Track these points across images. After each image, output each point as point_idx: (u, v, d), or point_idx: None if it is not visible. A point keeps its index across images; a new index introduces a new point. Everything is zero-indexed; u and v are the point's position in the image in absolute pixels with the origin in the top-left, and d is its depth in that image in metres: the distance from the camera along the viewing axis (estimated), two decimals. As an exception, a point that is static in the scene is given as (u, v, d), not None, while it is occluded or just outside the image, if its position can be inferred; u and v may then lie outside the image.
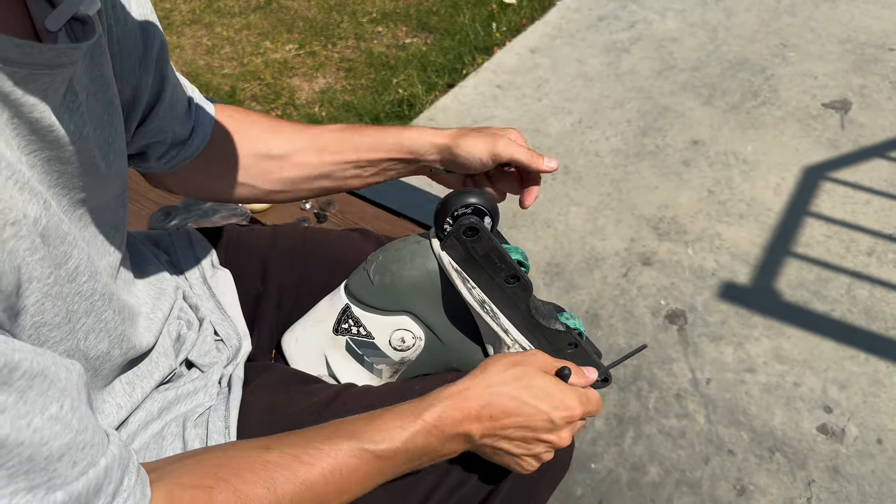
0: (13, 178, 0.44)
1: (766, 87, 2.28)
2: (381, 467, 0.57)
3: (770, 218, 1.83)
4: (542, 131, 2.17)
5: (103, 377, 0.62)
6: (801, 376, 1.48)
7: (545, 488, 0.80)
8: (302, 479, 0.53)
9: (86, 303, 0.56)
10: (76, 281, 0.54)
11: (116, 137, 0.63)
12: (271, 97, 2.53)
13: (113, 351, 0.61)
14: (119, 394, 0.65)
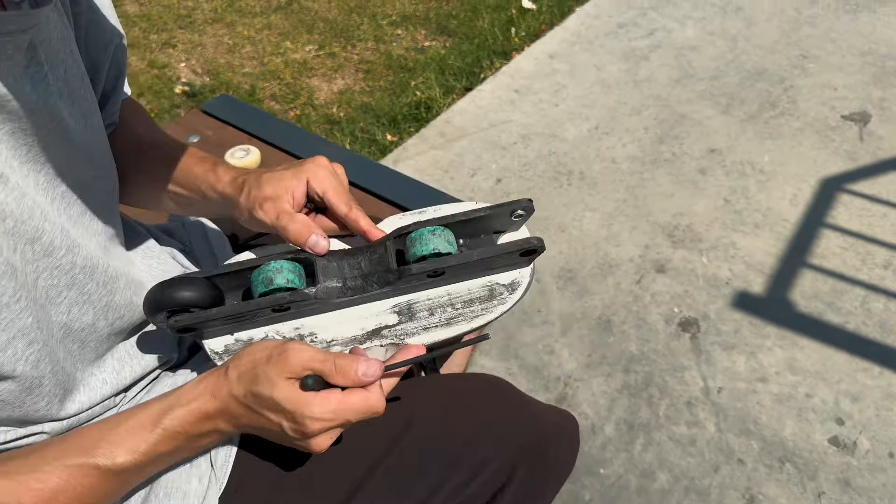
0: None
1: (784, 98, 2.27)
2: (125, 479, 0.56)
3: (786, 228, 1.83)
4: (558, 136, 2.17)
5: (91, 349, 0.63)
6: (814, 388, 1.48)
7: (551, 487, 0.81)
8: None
9: (66, 276, 0.57)
10: (53, 255, 0.55)
11: (92, 113, 0.64)
12: (290, 97, 2.55)
13: (98, 322, 0.62)
14: (108, 370, 0.66)
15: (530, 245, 0.65)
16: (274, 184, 0.66)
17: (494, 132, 2.23)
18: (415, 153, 2.18)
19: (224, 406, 0.56)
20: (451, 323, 0.66)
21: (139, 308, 0.68)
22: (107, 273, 0.62)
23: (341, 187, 0.68)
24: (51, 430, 0.61)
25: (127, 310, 0.66)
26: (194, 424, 0.56)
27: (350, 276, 0.66)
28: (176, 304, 0.62)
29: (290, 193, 0.66)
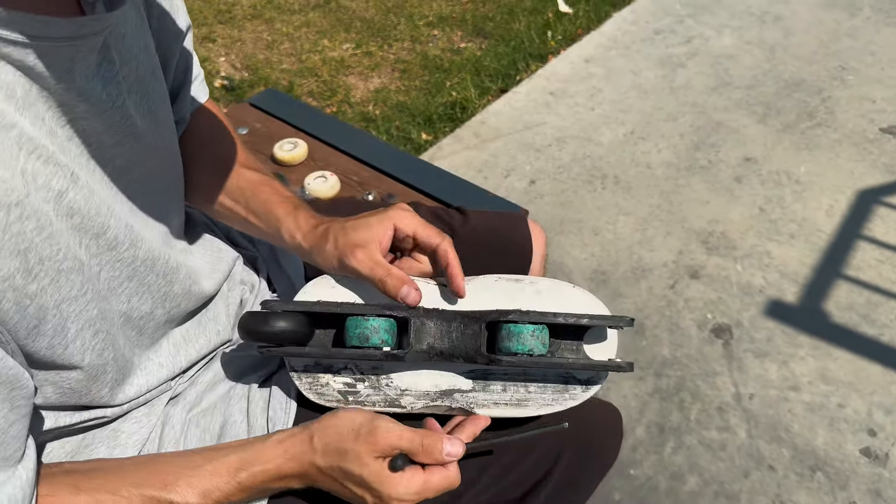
0: (36, 152, 0.46)
1: (822, 109, 2.27)
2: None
3: (821, 239, 1.82)
4: (593, 140, 2.19)
5: (148, 335, 0.65)
6: (847, 398, 1.47)
7: (596, 475, 0.82)
8: None
9: (127, 269, 0.59)
10: (116, 249, 0.56)
11: (160, 106, 0.65)
12: (327, 94, 2.59)
13: (156, 310, 0.64)
14: (164, 354, 0.68)
15: (619, 368, 0.66)
16: (362, 231, 0.69)
17: (529, 134, 2.24)
18: (449, 152, 2.20)
19: (304, 471, 0.59)
20: (521, 405, 0.69)
21: (196, 296, 0.70)
22: (167, 265, 0.64)
23: (428, 225, 0.71)
24: (112, 414, 0.64)
25: (184, 298, 0.68)
26: (269, 482, 0.59)
27: (438, 341, 0.67)
28: (270, 337, 0.65)
29: (377, 240, 0.68)
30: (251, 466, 0.58)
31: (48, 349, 0.50)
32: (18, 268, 0.45)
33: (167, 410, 0.69)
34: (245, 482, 0.57)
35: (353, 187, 1.27)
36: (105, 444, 0.64)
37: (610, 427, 0.83)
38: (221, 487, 0.57)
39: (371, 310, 0.65)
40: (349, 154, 1.32)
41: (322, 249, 0.70)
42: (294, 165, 1.31)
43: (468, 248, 0.95)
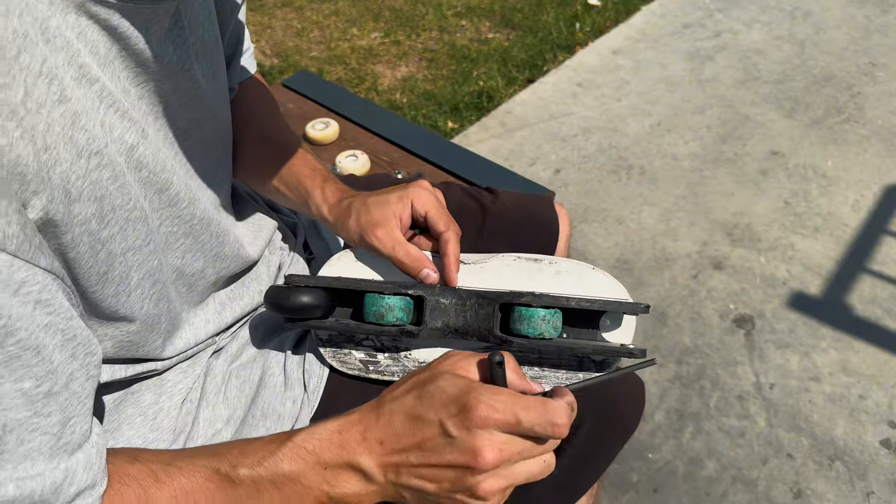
0: (114, 106, 0.49)
1: (851, 105, 2.25)
2: (240, 496, 0.49)
3: (846, 233, 1.82)
4: (619, 131, 2.19)
5: (198, 293, 0.68)
6: (868, 390, 1.48)
7: (617, 440, 0.84)
8: (154, 498, 0.48)
9: (185, 226, 0.61)
10: (176, 206, 0.59)
11: (220, 74, 0.69)
12: (355, 81, 2.62)
13: (207, 269, 0.67)
14: (210, 311, 0.72)
15: (631, 354, 0.66)
16: (382, 208, 0.70)
17: (555, 124, 2.26)
18: (475, 140, 2.23)
19: (372, 423, 0.49)
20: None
21: (243, 260, 0.74)
22: (220, 227, 0.67)
23: (442, 208, 0.72)
24: (161, 367, 0.67)
25: (233, 261, 0.72)
26: (327, 447, 0.49)
27: (453, 319, 0.68)
28: (294, 309, 0.67)
29: (397, 217, 0.70)
30: (309, 429, 0.50)
31: (114, 297, 0.53)
32: (95, 213, 0.47)
33: (210, 363, 0.73)
34: (299, 442, 0.49)
35: (382, 167, 1.30)
36: (151, 390, 0.67)
37: (632, 396, 0.85)
38: (274, 451, 0.49)
39: (388, 287, 0.67)
40: (379, 135, 1.35)
41: (345, 224, 0.73)
42: (325, 145, 1.34)
43: (497, 224, 0.97)
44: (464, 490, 0.46)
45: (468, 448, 0.45)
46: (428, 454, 0.47)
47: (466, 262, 0.73)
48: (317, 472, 0.49)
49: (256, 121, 0.85)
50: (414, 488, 0.48)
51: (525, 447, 0.47)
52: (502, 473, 0.46)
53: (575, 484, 0.84)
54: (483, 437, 0.45)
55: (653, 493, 1.35)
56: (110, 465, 0.50)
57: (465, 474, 0.45)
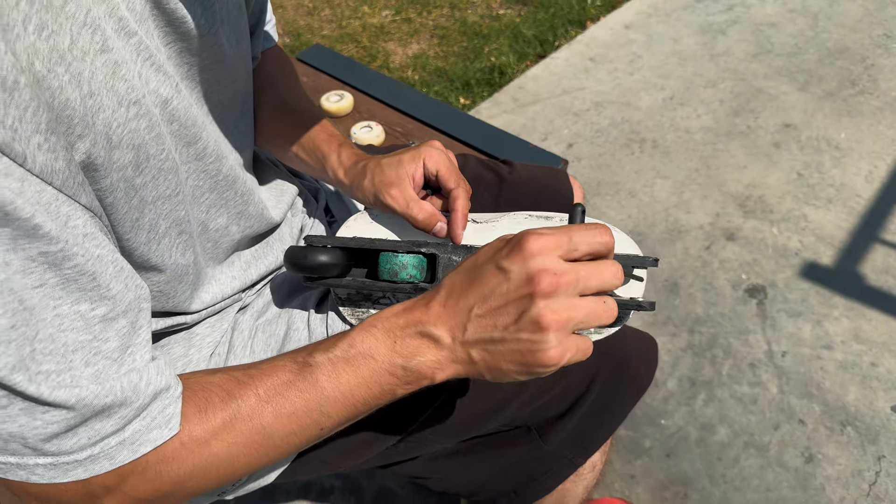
0: (150, 59, 0.51)
1: (865, 77, 2.24)
2: (318, 379, 0.51)
3: (859, 204, 1.82)
4: (632, 105, 2.20)
5: (223, 250, 0.71)
6: (879, 357, 1.49)
7: (629, 400, 0.86)
8: (236, 397, 0.51)
9: (210, 181, 0.64)
10: (203, 160, 0.61)
11: (243, 40, 0.70)
12: (367, 59, 2.63)
13: (231, 226, 0.70)
14: (236, 268, 0.74)
15: (640, 307, 0.66)
16: (395, 168, 0.73)
17: (567, 98, 2.26)
18: (487, 116, 2.23)
19: (433, 294, 0.52)
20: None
21: (267, 221, 0.76)
22: (245, 186, 0.70)
23: (453, 167, 0.74)
24: (191, 321, 0.70)
25: (257, 220, 0.74)
26: (395, 323, 0.51)
27: None
28: (312, 267, 0.69)
29: (410, 177, 0.72)
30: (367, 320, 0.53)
31: (145, 244, 0.56)
32: (131, 161, 0.50)
33: (237, 318, 0.75)
34: (368, 322, 0.52)
35: (396, 138, 1.32)
36: (181, 343, 0.70)
37: (645, 354, 0.87)
38: (344, 337, 0.52)
39: (402, 246, 0.69)
40: (393, 107, 1.37)
41: (360, 185, 0.75)
42: (340, 117, 1.36)
43: (514, 194, 0.99)
44: (528, 324, 0.47)
45: (524, 277, 0.46)
46: (489, 299, 0.48)
47: (478, 220, 0.74)
48: (388, 346, 0.51)
49: (276, 88, 0.87)
50: (482, 340, 0.49)
51: (582, 275, 0.47)
52: (564, 304, 0.47)
53: (588, 439, 0.86)
54: (537, 261, 0.46)
55: (665, 458, 1.37)
56: (191, 378, 0.52)
57: (527, 305, 0.46)
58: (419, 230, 0.74)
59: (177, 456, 0.49)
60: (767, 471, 1.33)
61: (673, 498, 1.31)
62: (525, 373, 0.49)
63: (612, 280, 0.48)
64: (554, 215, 0.74)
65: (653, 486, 1.33)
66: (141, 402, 0.47)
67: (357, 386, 0.51)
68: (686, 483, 1.33)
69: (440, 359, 0.50)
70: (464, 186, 0.73)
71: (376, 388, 0.51)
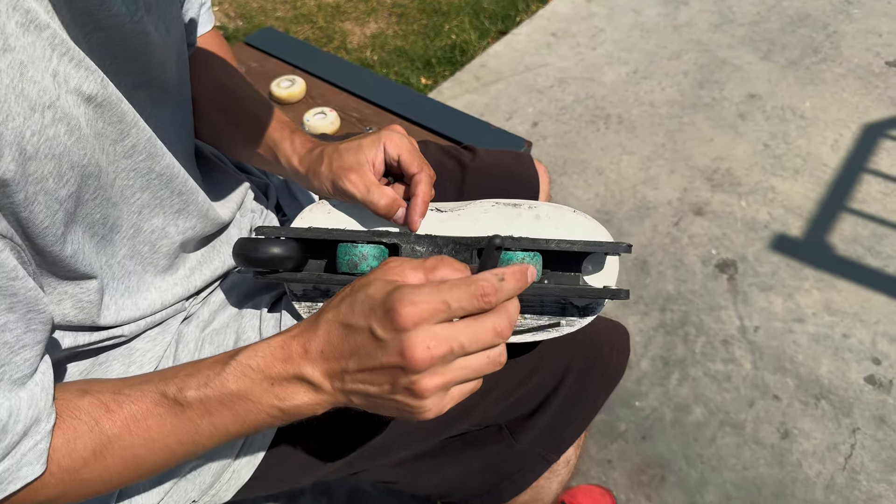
0: (68, 54, 0.46)
1: (827, 44, 2.23)
2: (191, 418, 0.49)
3: (826, 173, 1.81)
4: (596, 80, 2.15)
5: (164, 255, 0.65)
6: (851, 328, 1.48)
7: (602, 391, 0.83)
8: (105, 429, 0.48)
9: (142, 180, 0.58)
10: (132, 158, 0.56)
11: (175, 28, 0.65)
12: (323, 41, 2.54)
13: (168, 228, 0.64)
14: (179, 274, 0.69)
15: (615, 295, 0.63)
16: (354, 153, 0.68)
17: (531, 75, 2.21)
18: (449, 96, 2.18)
19: (311, 335, 0.48)
20: (515, 332, 0.67)
21: (212, 221, 0.70)
22: (184, 183, 0.64)
23: (415, 151, 0.70)
24: (128, 333, 0.64)
25: (200, 221, 0.68)
26: (271, 362, 0.48)
27: None
28: (264, 262, 0.64)
29: (370, 162, 0.68)
30: (252, 346, 0.49)
31: (71, 256, 0.51)
32: (52, 171, 0.45)
33: (181, 329, 0.70)
34: (243, 360, 0.48)
35: (353, 124, 1.26)
36: (120, 361, 0.64)
37: (617, 344, 0.83)
38: (219, 371, 0.49)
39: (361, 236, 0.65)
40: (349, 91, 1.31)
41: (317, 173, 0.70)
42: (292, 103, 1.30)
43: (477, 182, 0.95)
44: (403, 391, 0.46)
45: (396, 349, 0.44)
46: (363, 359, 0.46)
47: (443, 209, 0.70)
48: (264, 388, 0.48)
49: (215, 75, 0.81)
50: (360, 392, 0.48)
51: (457, 344, 0.44)
52: (439, 370, 0.45)
53: (562, 434, 0.83)
54: (410, 336, 0.44)
55: (641, 440, 1.35)
56: (60, 400, 0.49)
57: (399, 375, 0.45)
58: (381, 219, 0.69)
59: (47, 485, 0.48)
60: (744, 449, 1.32)
61: (650, 481, 1.29)
62: (407, 419, 0.49)
63: (493, 340, 0.46)
64: (522, 202, 0.70)
65: (629, 470, 1.31)
66: (10, 440, 0.44)
67: (233, 423, 0.50)
68: (663, 465, 1.31)
69: (321, 401, 0.49)
70: (427, 171, 0.69)
71: (254, 425, 0.50)
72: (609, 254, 0.65)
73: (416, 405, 0.46)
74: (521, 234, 0.67)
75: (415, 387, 0.45)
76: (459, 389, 0.48)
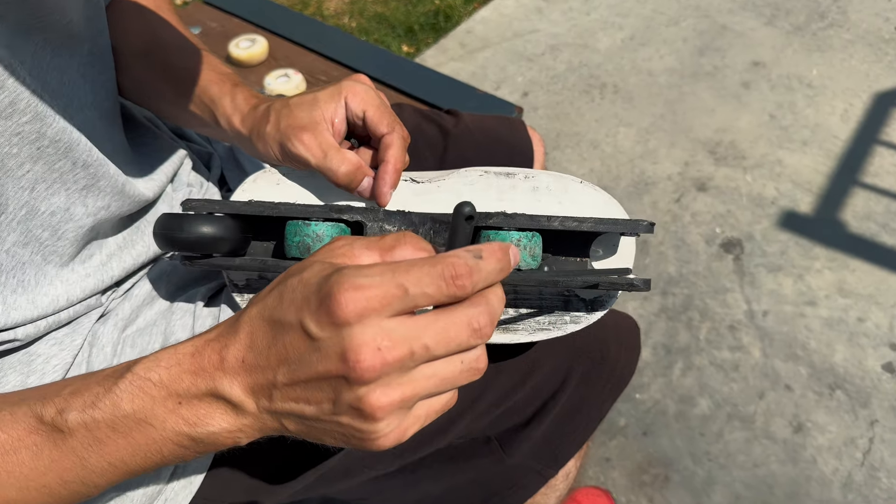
0: None
1: (834, 9, 2.10)
2: (75, 449, 0.37)
3: (836, 146, 1.69)
4: (590, 47, 2.01)
5: (71, 241, 0.53)
6: (866, 311, 1.37)
7: (609, 395, 0.70)
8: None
9: (30, 147, 0.47)
10: (12, 119, 0.45)
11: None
12: (298, 6, 2.39)
13: (74, 208, 0.52)
14: (92, 262, 0.56)
15: (631, 286, 0.50)
16: (308, 109, 0.55)
17: (520, 42, 2.07)
18: (433, 65, 2.03)
19: (230, 339, 0.36)
20: (508, 329, 0.55)
21: (132, 198, 0.58)
22: (90, 155, 0.52)
23: (384, 107, 0.57)
24: (24, 337, 0.52)
25: (115, 199, 0.55)
26: (178, 375, 0.36)
27: None
28: (192, 244, 0.51)
29: (328, 120, 0.55)
30: (154, 355, 0.37)
31: None
32: None
33: (95, 329, 0.57)
34: (140, 373, 0.36)
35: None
36: (16, 370, 0.52)
37: (625, 341, 0.71)
38: (111, 387, 0.36)
39: (316, 212, 0.52)
40: (315, 51, 1.17)
41: (261, 134, 0.57)
42: (253, 66, 1.16)
43: (462, 149, 0.82)
44: (347, 409, 0.33)
45: (335, 351, 0.32)
46: (295, 368, 0.33)
47: (419, 180, 0.57)
48: (169, 408, 0.36)
49: (145, 26, 0.67)
50: (293, 414, 0.35)
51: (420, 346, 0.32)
52: (395, 381, 0.32)
53: (561, 446, 0.71)
54: (354, 333, 0.31)
55: (643, 436, 1.23)
56: None
57: (342, 387, 0.32)
58: (342, 191, 0.56)
59: None
60: (754, 444, 1.21)
61: (653, 481, 1.18)
62: (356, 448, 0.36)
63: (469, 340, 0.33)
64: (517, 171, 0.57)
65: (630, 469, 1.20)
66: None
67: (131, 455, 0.37)
68: (666, 463, 1.20)
69: (243, 426, 0.36)
70: (399, 132, 0.56)
71: (157, 457, 0.37)
72: (626, 234, 0.53)
73: (367, 430, 0.33)
74: (517, 209, 0.54)
75: (363, 404, 0.32)
76: (426, 407, 0.35)
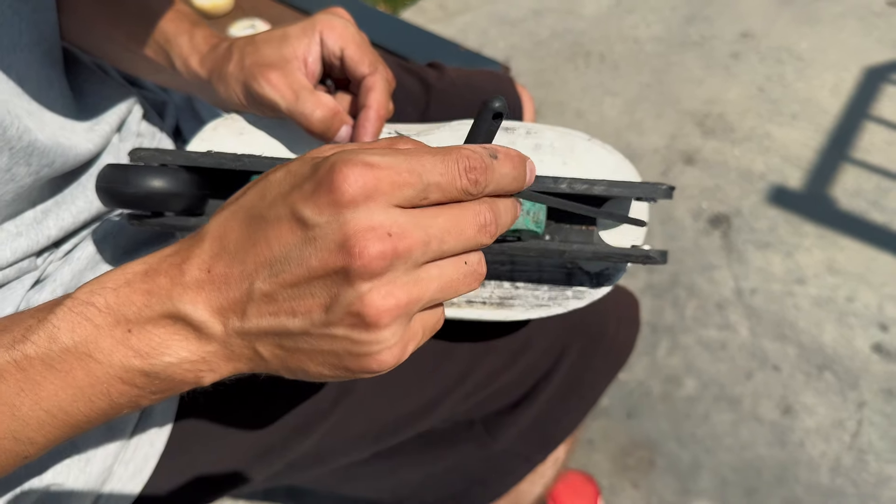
0: None
1: (824, -19, 2.04)
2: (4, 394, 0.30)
3: (826, 120, 1.64)
4: (575, 12, 1.94)
5: (7, 203, 0.46)
6: (856, 291, 1.33)
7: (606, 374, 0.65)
8: None
9: None
10: None
11: None
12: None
13: (16, 168, 0.45)
14: (24, 219, 0.49)
15: (647, 258, 0.45)
16: (278, 46, 0.48)
17: (502, 6, 1.98)
18: (412, 29, 1.94)
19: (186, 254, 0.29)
20: (505, 304, 0.49)
21: (70, 151, 0.50)
22: (29, 106, 0.45)
23: (364, 44, 0.50)
24: None
25: (59, 155, 0.48)
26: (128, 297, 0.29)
27: None
28: (140, 200, 0.44)
29: (301, 59, 0.49)
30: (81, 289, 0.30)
31: None
32: None
33: (29, 297, 0.49)
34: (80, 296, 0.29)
35: (293, 42, 1.03)
36: None
37: (624, 315, 0.65)
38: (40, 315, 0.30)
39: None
40: (286, 2, 1.08)
41: (223, 75, 0.50)
42: (218, 16, 1.06)
43: (445, 105, 0.75)
44: (345, 315, 0.27)
45: (337, 239, 0.26)
46: (279, 269, 0.27)
47: (406, 133, 0.50)
48: (117, 338, 0.29)
49: None
50: (272, 332, 0.28)
51: (433, 234, 0.27)
52: (402, 279, 0.27)
53: (551, 430, 0.65)
54: (360, 215, 0.26)
55: (626, 418, 1.19)
56: None
57: (342, 284, 0.27)
58: (316, 140, 0.49)
59: None
60: (741, 427, 1.17)
61: (637, 465, 1.14)
62: (344, 377, 0.30)
63: (476, 237, 0.29)
64: (517, 125, 0.50)
65: (614, 453, 1.15)
66: None
67: (72, 400, 0.30)
68: (651, 446, 1.15)
69: (205, 356, 0.29)
70: (382, 73, 0.49)
71: (104, 401, 0.30)
72: (642, 199, 0.46)
73: (368, 340, 0.27)
74: None
75: (365, 306, 0.26)
76: (421, 320, 0.30)
